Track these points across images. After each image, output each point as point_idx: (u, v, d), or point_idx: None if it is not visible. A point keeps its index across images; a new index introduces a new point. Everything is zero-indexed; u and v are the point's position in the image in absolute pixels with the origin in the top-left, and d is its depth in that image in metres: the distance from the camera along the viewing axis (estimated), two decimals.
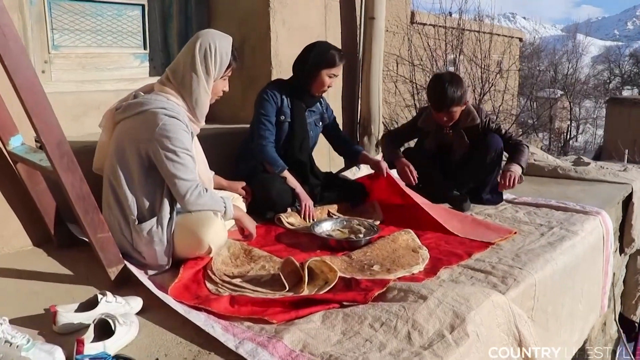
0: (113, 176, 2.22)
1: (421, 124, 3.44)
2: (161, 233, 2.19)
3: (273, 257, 2.34)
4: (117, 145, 2.23)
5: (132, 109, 2.22)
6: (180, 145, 2.16)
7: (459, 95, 3.13)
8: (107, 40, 3.39)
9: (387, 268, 2.30)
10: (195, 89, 2.27)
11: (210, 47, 2.28)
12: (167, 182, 2.20)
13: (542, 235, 2.81)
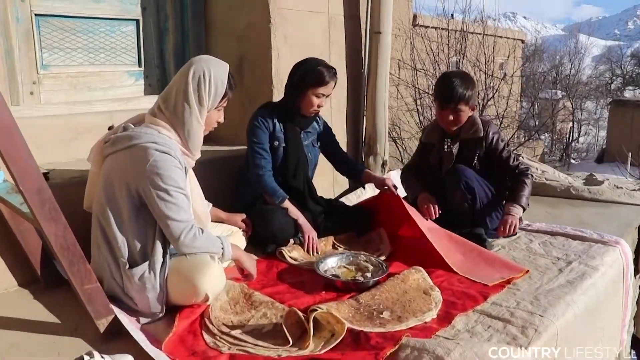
0: (102, 215, 2.06)
1: (425, 138, 3.24)
2: (154, 279, 2.02)
3: (275, 304, 2.17)
4: (106, 182, 2.07)
5: (121, 143, 2.05)
6: (172, 184, 2.00)
7: (468, 94, 2.90)
8: (100, 58, 3.22)
9: (397, 315, 2.14)
10: (187, 119, 2.11)
11: (205, 75, 2.11)
12: (159, 223, 2.04)
13: (560, 272, 2.64)
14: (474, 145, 3.03)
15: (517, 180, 3.01)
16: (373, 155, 3.95)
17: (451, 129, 3.03)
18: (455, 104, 2.90)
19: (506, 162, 3.04)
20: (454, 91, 2.88)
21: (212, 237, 2.15)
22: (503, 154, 3.04)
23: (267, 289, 2.38)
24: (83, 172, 2.62)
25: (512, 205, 2.96)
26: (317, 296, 2.33)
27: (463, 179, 2.92)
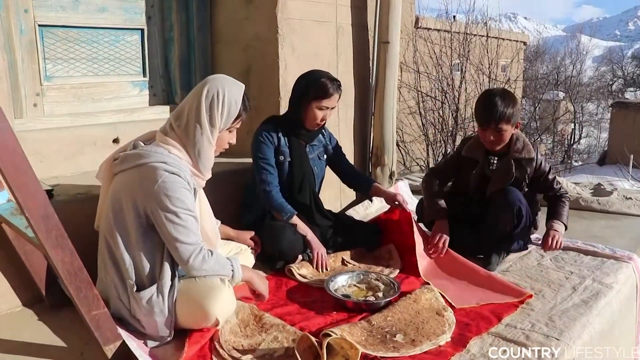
0: (109, 234, 2.01)
1: (466, 152, 3.01)
2: (162, 303, 1.97)
3: (286, 326, 2.12)
4: (114, 201, 2.01)
5: (130, 161, 2.00)
6: (181, 206, 1.95)
7: (510, 112, 2.73)
8: (104, 69, 3.17)
9: (411, 338, 2.09)
10: (198, 139, 2.05)
11: (218, 95, 2.06)
12: (168, 246, 1.99)
13: (574, 290, 2.59)
14: (525, 165, 2.91)
15: (556, 201, 2.97)
16: (380, 166, 3.89)
17: (494, 149, 2.89)
18: (496, 123, 2.75)
19: (551, 185, 2.98)
20: (495, 110, 2.73)
21: (222, 259, 2.10)
22: (549, 176, 2.97)
23: (277, 309, 2.32)
24: (88, 188, 2.57)
25: (556, 222, 2.90)
26: (327, 317, 2.28)
27: (517, 204, 2.79)
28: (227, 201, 2.99)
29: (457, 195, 3.10)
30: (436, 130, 7.78)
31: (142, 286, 1.99)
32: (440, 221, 2.94)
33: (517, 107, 2.78)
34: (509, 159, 2.89)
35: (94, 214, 2.38)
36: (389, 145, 3.86)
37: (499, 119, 2.74)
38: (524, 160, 2.90)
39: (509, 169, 2.88)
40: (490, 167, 2.94)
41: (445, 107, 7.77)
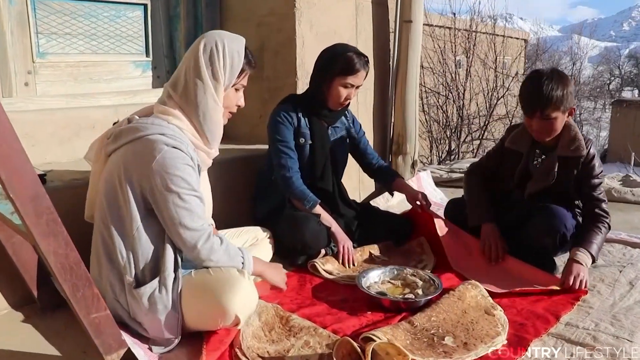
0: (104, 225, 1.72)
1: (510, 143, 2.59)
2: (165, 298, 1.68)
3: (318, 329, 1.82)
4: (108, 185, 1.72)
5: (125, 137, 1.72)
6: (184, 185, 1.68)
7: (559, 95, 2.29)
8: (104, 46, 2.88)
9: (462, 341, 1.80)
10: (202, 99, 1.76)
11: (217, 46, 1.78)
12: (169, 233, 1.71)
13: (632, 286, 2.31)
14: (572, 165, 2.46)
15: (591, 223, 2.41)
16: (402, 154, 3.61)
17: (543, 139, 2.45)
18: (543, 109, 2.32)
19: (591, 190, 2.46)
20: (540, 94, 2.30)
21: (232, 248, 1.82)
22: (595, 180, 2.46)
23: (303, 309, 2.04)
24: (85, 173, 2.28)
25: (581, 251, 2.31)
26: (362, 318, 2.00)
27: (562, 230, 2.36)
28: (235, 191, 2.72)
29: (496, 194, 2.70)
30: (440, 126, 7.58)
31: (142, 282, 1.71)
32: (488, 225, 2.56)
33: (569, 89, 2.33)
34: (554, 156, 2.47)
35: None
36: (411, 132, 3.58)
37: (546, 104, 2.30)
38: (572, 158, 2.45)
39: (551, 168, 2.46)
40: (534, 163, 2.55)
41: (450, 102, 7.59)
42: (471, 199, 2.67)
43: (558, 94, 2.29)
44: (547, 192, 2.51)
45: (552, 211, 2.40)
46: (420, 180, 3.74)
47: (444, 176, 4.24)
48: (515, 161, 2.58)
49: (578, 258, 2.28)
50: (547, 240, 2.40)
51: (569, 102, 2.34)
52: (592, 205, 2.44)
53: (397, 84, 3.57)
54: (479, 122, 7.85)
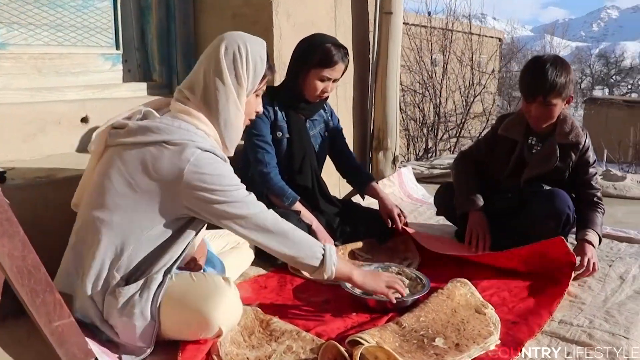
0: (99, 221, 1.56)
1: (503, 130, 2.55)
2: (145, 303, 1.54)
3: (301, 333, 1.71)
4: (110, 180, 1.56)
5: (142, 134, 1.57)
6: (228, 182, 1.59)
7: (562, 82, 2.27)
8: (70, 38, 2.72)
9: (454, 342, 1.71)
10: (224, 105, 1.65)
11: (240, 50, 1.66)
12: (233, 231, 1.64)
13: (622, 280, 2.27)
14: (570, 152, 2.45)
15: (590, 205, 2.44)
16: (383, 150, 3.52)
17: (540, 126, 2.42)
18: (545, 95, 2.29)
19: (589, 179, 2.48)
20: (545, 80, 2.27)
21: (310, 238, 1.78)
22: (590, 169, 2.48)
23: (284, 312, 1.92)
24: (50, 171, 2.15)
25: (589, 230, 2.33)
26: (347, 319, 1.89)
27: (566, 211, 2.34)
28: None
29: (486, 182, 2.64)
30: (417, 124, 7.55)
31: (128, 281, 1.58)
32: (475, 213, 2.50)
33: (570, 77, 2.32)
34: (553, 143, 2.44)
35: (57, 201, 1.95)
36: (392, 127, 3.49)
37: (549, 90, 2.27)
38: (569, 145, 2.44)
39: (551, 153, 2.44)
40: (531, 150, 2.51)
41: (426, 101, 7.57)
42: (460, 185, 2.61)
43: (562, 80, 2.28)
44: (542, 180, 2.47)
45: (553, 193, 2.38)
46: (402, 176, 3.66)
47: (425, 172, 4.17)
48: (508, 149, 2.54)
49: (589, 238, 2.29)
50: (551, 224, 2.35)
51: (570, 89, 2.33)
52: (589, 194, 2.46)
53: (377, 78, 3.49)
54: (456, 119, 7.86)
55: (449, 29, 7.90)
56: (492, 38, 10.96)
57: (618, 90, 29.56)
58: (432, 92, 7.53)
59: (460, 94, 8.02)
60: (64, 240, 1.69)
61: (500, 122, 2.61)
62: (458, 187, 2.62)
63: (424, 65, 7.71)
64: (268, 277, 2.22)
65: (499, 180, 2.59)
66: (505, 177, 2.55)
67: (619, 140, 11.32)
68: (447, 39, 7.80)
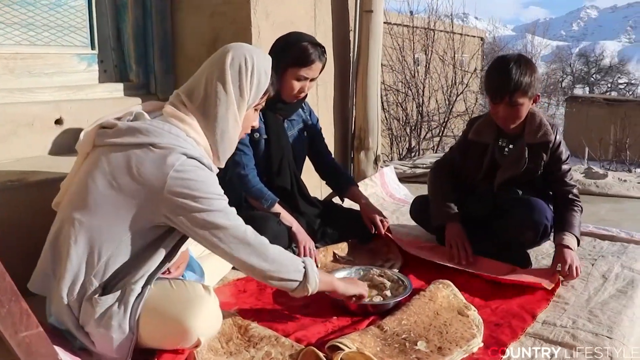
0: (85, 219, 1.50)
1: (473, 135, 2.50)
2: (122, 315, 1.49)
3: (280, 339, 1.67)
4: (94, 181, 1.51)
5: (130, 135, 1.51)
6: (211, 191, 1.53)
7: (527, 81, 2.22)
8: (43, 37, 2.66)
9: (436, 345, 1.68)
10: (223, 115, 1.61)
11: (247, 63, 1.63)
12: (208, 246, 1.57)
13: (605, 279, 2.26)
14: (541, 151, 2.40)
15: (567, 206, 2.38)
16: (364, 150, 3.48)
17: (509, 127, 2.37)
18: (510, 95, 2.24)
19: (562, 176, 2.42)
20: (509, 80, 2.21)
21: (290, 254, 1.70)
22: (564, 166, 2.43)
23: (263, 316, 1.88)
24: (23, 175, 2.09)
25: (566, 234, 2.27)
26: (327, 324, 1.85)
27: (544, 222, 2.30)
28: None
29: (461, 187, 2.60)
30: (400, 124, 7.55)
31: (107, 290, 1.52)
32: (451, 224, 2.45)
33: (536, 75, 2.28)
34: (522, 144, 2.40)
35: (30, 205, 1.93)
36: (373, 126, 3.46)
37: (514, 89, 2.22)
38: (540, 145, 2.40)
39: (520, 155, 2.40)
40: (502, 152, 2.46)
41: (409, 100, 7.57)
42: (434, 197, 2.56)
43: (526, 79, 2.23)
44: (515, 182, 2.44)
45: (531, 203, 2.33)
46: (384, 176, 3.63)
47: (407, 172, 4.14)
48: (480, 153, 2.50)
49: (567, 242, 2.24)
50: (529, 234, 2.34)
51: (536, 88, 2.29)
52: (564, 191, 2.42)
53: (358, 77, 3.45)
54: (439, 118, 7.86)
55: (431, 28, 7.89)
56: (474, 37, 10.98)
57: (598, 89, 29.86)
58: (415, 92, 7.52)
59: (442, 93, 8.03)
60: (37, 245, 1.63)
61: (471, 126, 2.56)
62: (433, 199, 2.57)
63: (407, 65, 7.70)
64: (247, 281, 2.17)
65: (474, 187, 2.55)
66: (479, 181, 2.52)
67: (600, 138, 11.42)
68: (430, 38, 7.80)
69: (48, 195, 1.70)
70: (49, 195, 1.70)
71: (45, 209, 1.70)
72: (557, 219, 2.36)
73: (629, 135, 10.40)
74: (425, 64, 7.83)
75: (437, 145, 7.70)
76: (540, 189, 2.48)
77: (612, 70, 31.98)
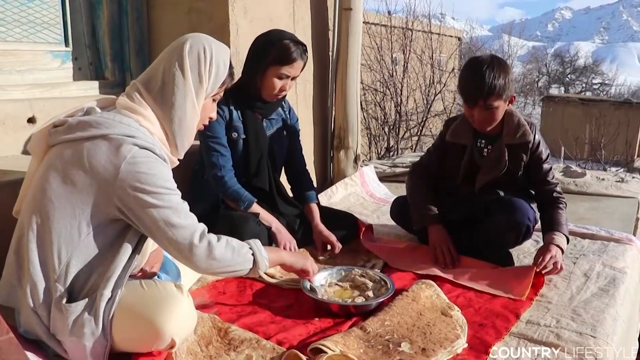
0: (42, 223, 1.46)
1: (451, 137, 2.46)
2: (94, 322, 1.44)
3: (261, 341, 1.63)
4: (55, 180, 1.46)
5: (82, 130, 1.46)
6: (161, 184, 1.47)
7: (501, 84, 2.17)
8: (14, 34, 2.58)
9: (419, 346, 1.65)
10: (181, 103, 1.57)
11: (205, 51, 1.60)
12: (156, 241, 1.53)
13: (587, 278, 2.26)
14: (521, 152, 2.37)
15: (553, 205, 2.36)
16: (344, 149, 3.45)
17: (485, 129, 2.33)
18: (485, 99, 2.19)
19: (544, 176, 2.40)
20: (483, 82, 2.16)
21: (235, 242, 1.63)
22: (544, 165, 2.40)
23: (244, 319, 1.83)
24: None
25: (556, 234, 2.25)
26: (309, 325, 1.81)
27: (525, 223, 2.29)
28: None
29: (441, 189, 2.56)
30: (378, 123, 7.55)
31: (74, 296, 1.47)
32: (434, 227, 2.41)
33: (509, 76, 2.23)
34: (501, 145, 2.36)
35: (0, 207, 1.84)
36: (353, 125, 3.43)
37: (488, 93, 2.18)
38: (519, 145, 2.36)
39: (500, 157, 2.36)
40: (481, 153, 2.43)
41: (387, 99, 7.57)
42: (414, 201, 2.51)
43: (500, 82, 2.18)
44: (496, 183, 2.42)
45: (513, 204, 2.31)
46: (364, 175, 3.60)
47: (387, 171, 4.12)
48: (458, 154, 2.46)
49: (557, 242, 2.22)
50: (511, 235, 2.32)
51: (510, 90, 2.25)
52: (548, 190, 2.40)
53: (338, 75, 3.42)
54: (417, 118, 7.88)
55: (409, 28, 7.91)
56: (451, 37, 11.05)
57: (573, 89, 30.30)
58: (393, 91, 7.53)
59: (421, 92, 8.04)
60: (5, 250, 1.57)
61: (447, 127, 2.51)
62: (412, 202, 2.52)
63: (385, 64, 7.71)
64: (227, 282, 2.12)
65: (455, 188, 2.51)
66: (460, 183, 2.48)
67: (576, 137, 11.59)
68: (408, 37, 7.81)
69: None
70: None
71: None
72: (545, 218, 2.35)
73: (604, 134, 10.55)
74: (403, 63, 7.83)
75: (416, 145, 7.71)
76: (521, 188, 2.46)
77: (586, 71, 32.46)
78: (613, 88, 30.26)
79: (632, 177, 4.18)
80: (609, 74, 35.26)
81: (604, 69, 36.90)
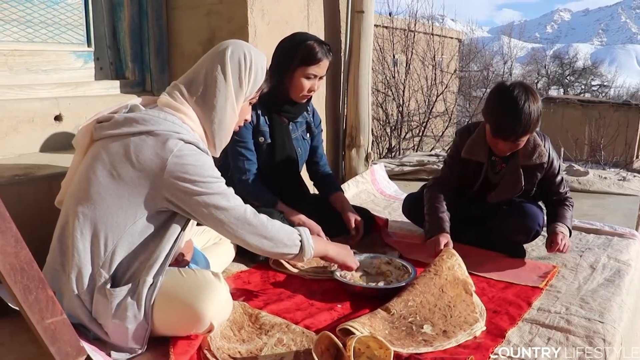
0: (89, 211, 1.54)
1: (466, 154, 2.44)
2: (137, 306, 1.53)
3: (291, 326, 1.73)
4: (95, 173, 1.54)
5: (126, 126, 1.56)
6: (209, 174, 1.59)
7: (535, 119, 2.16)
8: (41, 35, 2.67)
9: (441, 329, 1.75)
10: (222, 105, 1.67)
11: (246, 58, 1.71)
12: (211, 225, 1.64)
13: (593, 270, 2.36)
14: (534, 172, 2.42)
15: (561, 204, 2.48)
16: (356, 147, 3.55)
17: (505, 155, 2.38)
18: (519, 136, 2.19)
19: (558, 187, 2.48)
20: (517, 123, 2.14)
21: (288, 227, 1.77)
22: (557, 178, 2.47)
23: (271, 306, 1.92)
24: (28, 169, 2.11)
25: (560, 224, 2.38)
26: (333, 312, 1.91)
27: (535, 228, 2.38)
28: None
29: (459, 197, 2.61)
30: (380, 124, 7.63)
31: (118, 281, 1.56)
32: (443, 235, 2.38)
33: (540, 110, 2.19)
34: (517, 166, 2.39)
35: (37, 200, 1.96)
36: (364, 124, 3.52)
37: (523, 133, 2.17)
38: (535, 166, 2.39)
39: (517, 180, 2.40)
40: (494, 169, 2.47)
41: (389, 100, 7.66)
42: (431, 215, 2.48)
43: (534, 120, 2.17)
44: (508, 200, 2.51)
45: (524, 210, 2.40)
46: (374, 173, 3.70)
47: (395, 169, 4.22)
48: (474, 169, 2.49)
49: (560, 230, 2.36)
50: (521, 237, 2.45)
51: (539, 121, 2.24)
52: (558, 197, 2.52)
53: (350, 75, 3.51)
54: (419, 119, 7.96)
55: (410, 29, 8.00)
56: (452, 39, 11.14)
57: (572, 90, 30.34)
58: (395, 92, 7.62)
59: (422, 93, 8.13)
60: (45, 239, 1.66)
61: (462, 139, 2.50)
62: (429, 218, 2.48)
63: (387, 66, 7.79)
64: (251, 274, 2.22)
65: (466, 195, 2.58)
66: (472, 195, 2.55)
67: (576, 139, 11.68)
68: (409, 39, 7.90)
69: (55, 190, 1.74)
70: (55, 190, 1.74)
71: (51, 203, 1.74)
72: (550, 214, 2.47)
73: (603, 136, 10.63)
74: (405, 64, 7.92)
75: (417, 145, 7.80)
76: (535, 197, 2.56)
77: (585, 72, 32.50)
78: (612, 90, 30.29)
79: (633, 175, 4.29)
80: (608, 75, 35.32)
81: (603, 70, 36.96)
